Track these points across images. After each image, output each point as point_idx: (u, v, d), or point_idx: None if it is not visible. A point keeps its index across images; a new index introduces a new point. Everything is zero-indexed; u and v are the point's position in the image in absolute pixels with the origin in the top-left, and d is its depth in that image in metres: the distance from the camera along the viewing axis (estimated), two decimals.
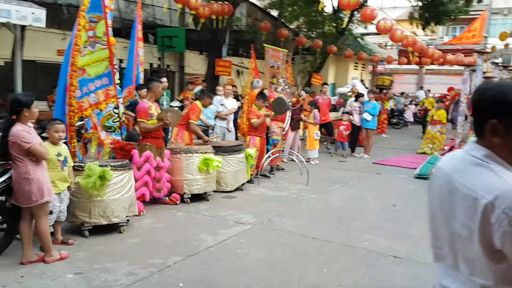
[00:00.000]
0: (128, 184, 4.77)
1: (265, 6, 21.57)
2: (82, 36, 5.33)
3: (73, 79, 5.25)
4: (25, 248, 3.88)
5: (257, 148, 7.15)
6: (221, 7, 12.73)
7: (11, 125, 3.70)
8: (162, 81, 8.13)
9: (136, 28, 7.50)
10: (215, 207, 5.86)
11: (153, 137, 5.53)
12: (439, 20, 19.00)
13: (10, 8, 7.78)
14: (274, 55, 14.67)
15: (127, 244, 4.45)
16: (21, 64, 9.13)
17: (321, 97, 10.38)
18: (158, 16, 17.18)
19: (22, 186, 3.70)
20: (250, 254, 4.25)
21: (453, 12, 17.92)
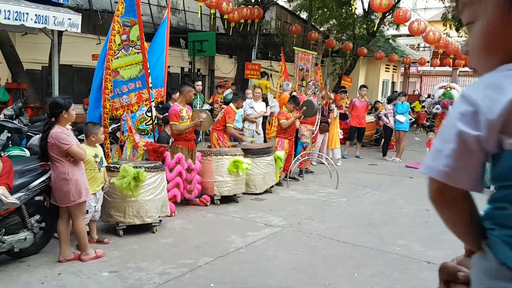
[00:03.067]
0: (160, 185, 4.87)
1: (295, 9, 21.57)
2: (116, 41, 5.49)
3: (107, 82, 5.41)
4: (62, 246, 4.03)
5: (285, 151, 7.15)
6: (251, 11, 12.84)
7: (50, 127, 3.86)
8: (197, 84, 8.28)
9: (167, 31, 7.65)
10: (244, 209, 5.90)
11: (185, 139, 5.63)
12: None
13: (48, 14, 8.08)
14: (303, 57, 14.68)
15: (160, 244, 4.54)
16: (58, 69, 9.46)
17: (358, 99, 10.23)
18: (190, 21, 17.48)
19: (61, 186, 3.85)
20: (279, 257, 4.25)
21: None
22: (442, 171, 1.06)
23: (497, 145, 0.99)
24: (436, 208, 1.15)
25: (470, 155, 1.03)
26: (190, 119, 5.67)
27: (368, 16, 18.85)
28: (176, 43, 15.24)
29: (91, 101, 5.53)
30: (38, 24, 7.95)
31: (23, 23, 7.58)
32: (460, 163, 1.04)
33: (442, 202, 1.14)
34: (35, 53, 11.55)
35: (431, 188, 1.12)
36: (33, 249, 4.07)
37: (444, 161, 1.06)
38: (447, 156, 1.05)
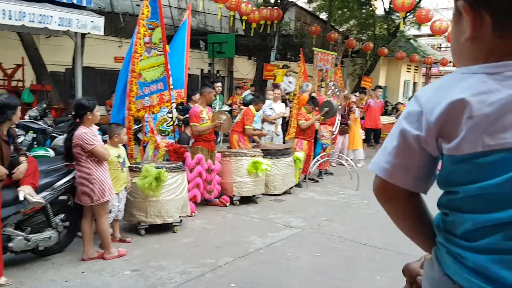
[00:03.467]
0: (181, 185, 4.91)
1: (314, 10, 21.49)
2: (141, 44, 5.57)
3: (132, 85, 5.49)
4: (86, 245, 4.10)
5: (304, 152, 7.12)
6: (271, 12, 12.85)
7: (75, 128, 3.94)
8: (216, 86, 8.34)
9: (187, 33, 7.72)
10: (263, 210, 5.91)
11: (205, 140, 5.67)
12: None
13: (71, 17, 8.25)
14: (323, 58, 14.56)
15: (180, 244, 4.58)
16: (81, 71, 9.65)
17: (373, 100, 10.13)
18: (209, 23, 17.60)
19: (85, 186, 3.92)
20: (299, 258, 4.24)
21: None
22: (383, 167, 1.06)
23: (437, 149, 0.97)
24: (380, 204, 1.17)
25: (410, 153, 1.01)
26: (210, 121, 5.71)
27: (389, 16, 18.65)
28: (196, 45, 15.36)
29: (116, 104, 5.61)
30: (61, 27, 8.12)
31: (47, 26, 7.75)
32: (399, 161, 1.03)
33: (384, 198, 1.15)
34: (59, 55, 11.80)
35: (374, 184, 1.14)
36: (57, 247, 4.16)
37: (386, 158, 1.06)
38: (389, 154, 1.05)
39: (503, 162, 0.87)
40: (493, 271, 0.89)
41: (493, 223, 0.90)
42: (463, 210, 0.96)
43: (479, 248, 0.92)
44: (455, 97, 0.91)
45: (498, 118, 0.87)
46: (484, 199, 0.92)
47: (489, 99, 0.88)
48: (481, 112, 0.88)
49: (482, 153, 0.89)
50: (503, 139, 0.87)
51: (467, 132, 0.89)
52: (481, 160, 0.89)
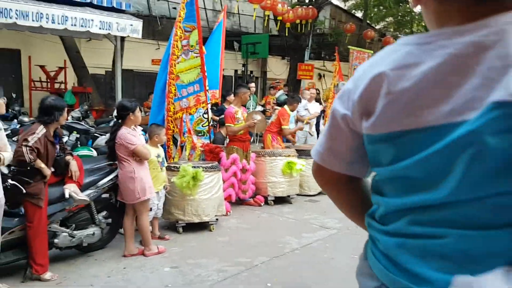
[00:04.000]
0: (217, 185, 5.00)
1: (349, 8, 21.22)
2: (178, 46, 5.70)
3: (171, 86, 5.63)
4: (127, 241, 4.24)
5: None
6: (306, 11, 12.80)
7: (118, 129, 4.09)
8: (250, 86, 8.41)
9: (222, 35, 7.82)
10: (298, 210, 5.91)
11: (240, 140, 5.74)
12: None
13: (111, 20, 8.52)
14: (358, 56, 14.42)
15: (216, 242, 4.66)
16: (121, 73, 9.97)
17: None
18: (243, 23, 17.73)
19: (127, 184, 4.06)
20: (336, 259, 4.22)
21: None
22: (317, 151, 1.04)
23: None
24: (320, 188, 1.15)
25: (340, 135, 0.96)
26: (245, 121, 5.77)
27: None
28: (230, 46, 15.51)
29: (154, 105, 5.76)
30: (102, 30, 8.41)
31: (89, 29, 8.06)
32: (330, 143, 1.00)
33: (321, 182, 1.13)
34: (99, 58, 12.21)
35: (312, 168, 1.12)
36: (100, 244, 4.32)
37: (320, 140, 1.03)
38: (323, 136, 1.02)
39: (417, 143, 0.80)
40: (397, 255, 0.87)
41: (400, 208, 0.87)
42: (380, 193, 0.93)
43: (389, 231, 0.90)
44: (377, 71, 0.84)
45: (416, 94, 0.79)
46: (395, 182, 0.88)
47: (410, 73, 0.80)
48: (399, 88, 0.81)
49: (398, 132, 0.82)
50: (420, 117, 0.79)
51: (383, 109, 0.83)
52: (396, 141, 0.83)
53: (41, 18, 7.19)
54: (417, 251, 0.84)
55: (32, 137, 3.49)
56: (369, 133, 0.88)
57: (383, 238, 0.91)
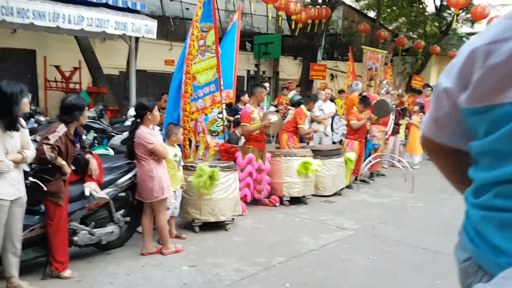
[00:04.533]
0: (233, 184, 4.98)
1: (362, 8, 21.10)
2: (195, 46, 5.70)
3: (187, 86, 5.63)
4: (145, 240, 4.25)
5: (355, 152, 7.00)
6: (319, 11, 12.74)
7: (136, 128, 4.10)
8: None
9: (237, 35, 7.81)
10: (314, 211, 5.87)
11: (256, 140, 5.72)
12: None
13: (126, 21, 8.55)
14: (372, 57, 14.27)
15: (233, 242, 4.65)
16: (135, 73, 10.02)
17: (422, 100, 9.80)
18: (255, 24, 17.73)
19: (146, 183, 4.07)
20: (354, 261, 4.18)
21: None
22: (424, 123, 1.10)
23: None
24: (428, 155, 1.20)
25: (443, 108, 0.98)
26: (261, 121, 5.75)
27: (440, 13, 17.98)
28: (242, 47, 15.50)
29: (169, 104, 5.77)
30: (117, 30, 8.44)
31: (104, 29, 8.09)
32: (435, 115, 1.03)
33: (427, 151, 1.19)
34: (113, 58, 12.30)
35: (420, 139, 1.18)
36: (118, 242, 4.33)
37: (427, 113, 1.08)
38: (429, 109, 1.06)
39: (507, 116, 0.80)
40: (481, 228, 0.89)
41: (489, 181, 0.88)
42: (474, 167, 0.95)
43: (478, 204, 0.92)
44: (475, 44, 0.84)
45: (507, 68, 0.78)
46: (486, 156, 0.89)
47: (504, 48, 0.79)
48: (491, 62, 0.80)
49: (489, 106, 0.82)
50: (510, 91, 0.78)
51: (477, 82, 0.83)
52: (488, 114, 0.84)
53: (57, 18, 7.23)
54: (497, 224, 0.85)
55: (53, 135, 3.51)
56: (466, 106, 0.90)
57: (472, 212, 0.94)
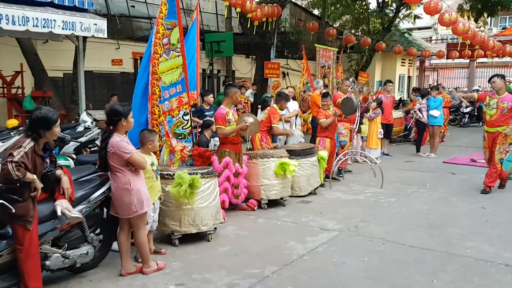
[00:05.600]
0: (214, 191, 4.70)
1: (307, 6, 21.34)
2: (161, 44, 5.33)
3: (155, 87, 5.25)
4: (123, 259, 3.87)
5: (327, 150, 6.94)
6: (271, 9, 12.63)
7: (109, 136, 3.69)
8: None
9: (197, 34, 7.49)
10: (293, 212, 5.71)
11: (232, 143, 5.46)
12: (492, 11, 18.13)
13: (74, 20, 7.96)
14: (324, 54, 14.45)
15: (218, 253, 4.37)
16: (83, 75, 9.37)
17: (384, 95, 9.98)
18: (205, 22, 17.33)
19: (123, 197, 3.69)
20: (347, 264, 4.05)
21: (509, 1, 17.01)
22: None
23: None
24: None
25: None
26: (236, 123, 5.49)
27: (383, 10, 18.59)
28: None
29: (135, 107, 5.33)
30: (65, 30, 7.82)
31: (51, 30, 7.47)
32: None
33: None
34: (57, 60, 11.47)
35: None
36: (92, 263, 3.92)
37: None
38: None
39: None
40: None
41: None
42: None
43: None
44: None
45: None
46: None
47: None
48: None
49: None
50: None
51: None
52: None
53: (0, 19, 6.54)
54: None
55: (18, 152, 3.06)
56: None
57: None
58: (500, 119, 6.42)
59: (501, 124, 6.42)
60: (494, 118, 6.48)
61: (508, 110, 6.37)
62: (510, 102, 6.38)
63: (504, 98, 6.42)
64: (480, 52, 18.67)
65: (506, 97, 6.43)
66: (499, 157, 6.45)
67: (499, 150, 6.44)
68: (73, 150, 6.86)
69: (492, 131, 6.54)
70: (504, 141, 6.42)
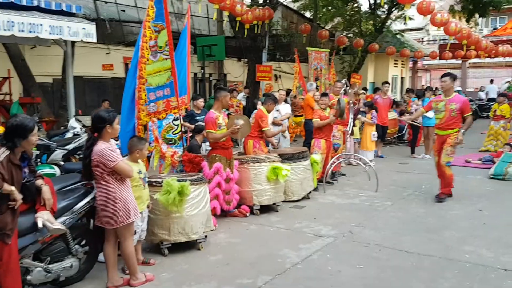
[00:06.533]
0: (204, 198, 4.55)
1: (299, 8, 21.29)
2: (148, 47, 5.20)
3: (141, 92, 5.12)
4: (110, 271, 3.71)
5: (322, 152, 6.81)
6: (262, 12, 12.54)
7: (93, 143, 3.54)
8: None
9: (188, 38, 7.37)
10: (287, 218, 5.58)
11: (222, 148, 5.32)
12: (484, 12, 18.19)
13: (62, 24, 7.83)
14: (317, 57, 14.38)
15: (209, 262, 4.22)
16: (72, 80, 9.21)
17: (380, 96, 9.87)
18: (196, 25, 17.21)
19: (108, 207, 3.53)
20: (343, 272, 3.92)
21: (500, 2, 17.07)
22: None
23: None
24: None
25: None
26: (226, 127, 5.36)
27: (375, 11, 18.58)
28: None
29: (124, 114, 5.20)
30: (53, 35, 7.70)
31: (38, 34, 7.35)
32: None
33: None
34: (46, 65, 11.29)
35: None
36: (78, 276, 3.76)
37: None
38: None
39: None
40: None
41: None
42: None
43: None
44: None
45: None
46: None
47: None
48: None
49: None
50: None
51: None
52: None
53: None
54: None
55: None
56: None
57: None
58: (449, 121, 6.05)
59: (451, 126, 6.05)
60: (443, 121, 6.11)
61: (457, 111, 6.01)
62: (458, 104, 6.03)
63: (452, 99, 6.08)
64: (472, 53, 18.73)
65: (454, 98, 6.11)
66: (446, 160, 6.07)
67: (446, 153, 6.04)
68: (62, 158, 6.69)
69: (442, 134, 6.17)
70: (453, 143, 6.00)
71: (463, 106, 6.05)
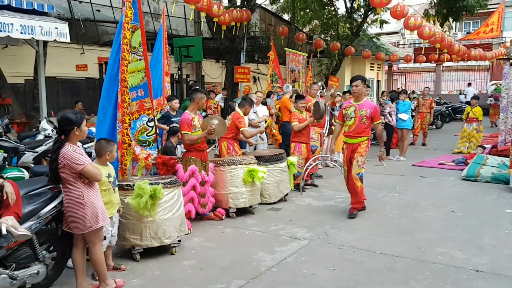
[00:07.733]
0: (178, 201, 4.47)
1: (277, 11, 21.35)
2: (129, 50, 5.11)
3: (124, 95, 5.01)
4: (79, 278, 3.59)
5: (303, 156, 6.80)
6: (240, 13, 12.50)
7: (60, 146, 3.42)
8: None
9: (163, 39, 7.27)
10: (263, 221, 5.54)
11: (198, 150, 5.24)
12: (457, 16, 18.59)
13: (33, 24, 7.65)
14: (294, 59, 14.42)
15: (182, 267, 4.14)
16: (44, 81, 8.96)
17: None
18: (173, 26, 17.04)
19: (76, 212, 3.42)
20: (317, 275, 3.90)
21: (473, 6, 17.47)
22: None
23: None
24: None
25: None
26: (201, 128, 5.29)
27: (352, 15, 18.79)
28: None
29: (99, 112, 5.05)
30: (24, 34, 7.50)
31: (9, 34, 7.15)
32: None
33: None
34: (17, 66, 10.95)
35: None
36: (45, 282, 3.62)
37: None
38: None
39: None
40: None
41: None
42: None
43: None
44: None
45: None
46: None
47: None
48: None
49: None
50: None
51: None
52: None
53: None
54: None
55: None
56: None
57: None
58: (359, 128, 5.56)
59: (361, 134, 5.58)
60: (353, 128, 5.60)
61: (367, 118, 5.53)
62: (369, 109, 5.53)
63: (362, 105, 5.57)
64: (446, 56, 19.14)
65: (364, 103, 5.59)
66: (357, 171, 5.58)
67: (357, 164, 5.55)
68: (32, 160, 6.49)
69: (351, 142, 5.67)
70: (364, 153, 5.58)
71: (374, 112, 5.57)
